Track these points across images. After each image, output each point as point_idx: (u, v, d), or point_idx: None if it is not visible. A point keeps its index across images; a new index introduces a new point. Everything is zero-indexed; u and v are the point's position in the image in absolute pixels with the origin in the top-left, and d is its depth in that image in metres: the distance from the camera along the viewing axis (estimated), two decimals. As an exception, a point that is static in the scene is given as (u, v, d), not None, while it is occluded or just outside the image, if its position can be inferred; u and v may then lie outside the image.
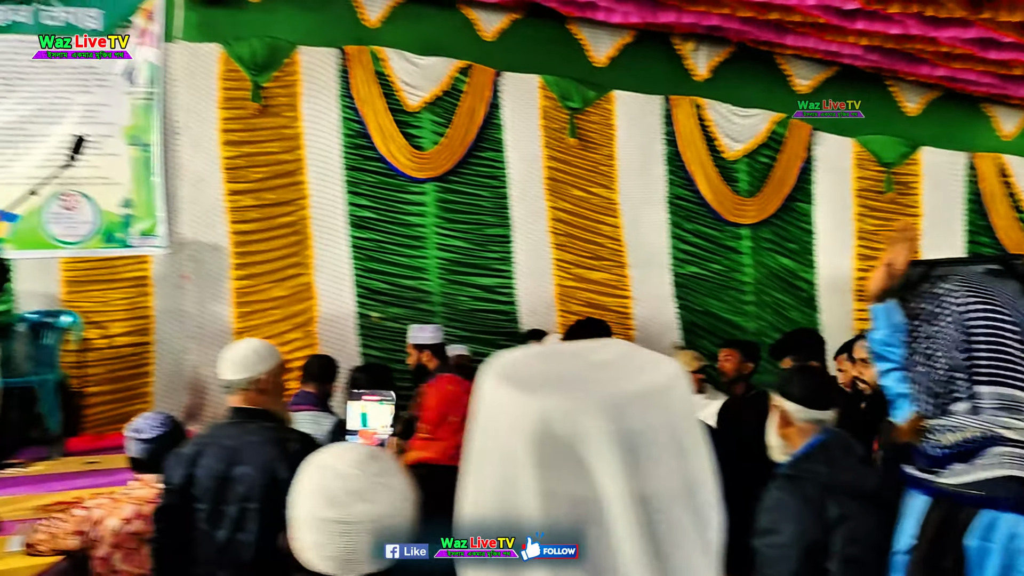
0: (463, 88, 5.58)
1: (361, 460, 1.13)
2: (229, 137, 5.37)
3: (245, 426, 2.32)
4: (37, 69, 5.16)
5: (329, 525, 1.06)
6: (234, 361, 2.34)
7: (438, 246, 5.57)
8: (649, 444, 0.59)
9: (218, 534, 2.22)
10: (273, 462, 2.23)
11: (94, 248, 5.14)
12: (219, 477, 2.23)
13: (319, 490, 1.10)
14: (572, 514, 0.60)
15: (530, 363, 0.67)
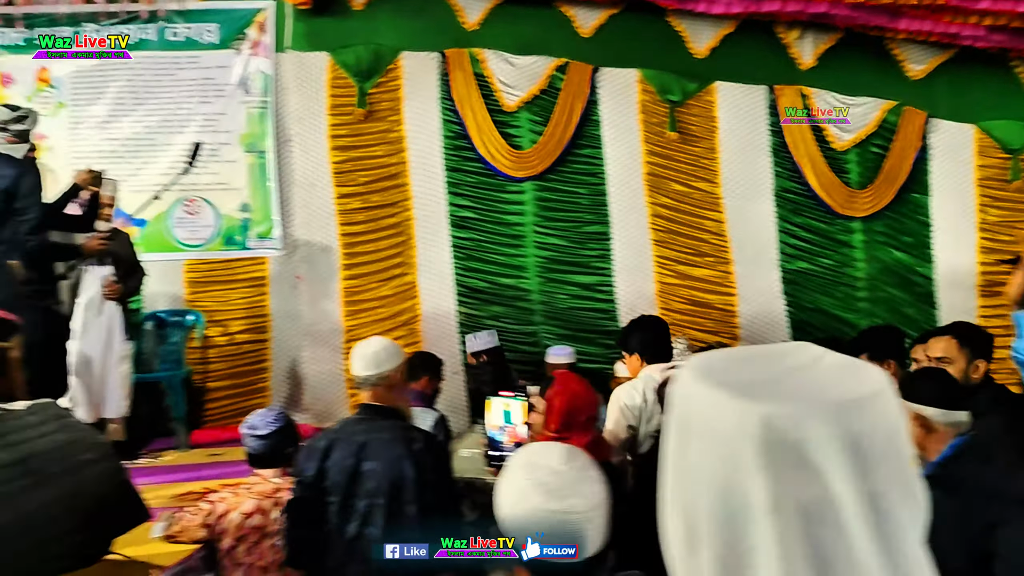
0: (560, 86, 5.58)
1: (566, 456, 1.27)
2: (337, 142, 5.58)
3: (374, 422, 2.41)
4: (162, 82, 5.51)
5: (550, 515, 1.19)
6: (366, 358, 2.43)
7: (537, 244, 5.60)
8: (872, 446, 0.62)
9: (348, 528, 2.32)
10: (400, 459, 2.32)
11: (215, 250, 5.46)
12: (349, 472, 2.32)
13: (538, 484, 1.21)
14: (802, 515, 0.62)
15: (733, 367, 0.69)
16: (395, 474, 2.32)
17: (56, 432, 2.43)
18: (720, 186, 5.71)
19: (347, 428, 2.42)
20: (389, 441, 2.36)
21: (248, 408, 5.35)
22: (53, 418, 2.49)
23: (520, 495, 1.23)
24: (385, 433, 2.39)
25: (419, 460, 2.35)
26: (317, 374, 5.47)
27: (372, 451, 2.34)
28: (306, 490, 2.35)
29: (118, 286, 4.21)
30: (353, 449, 2.34)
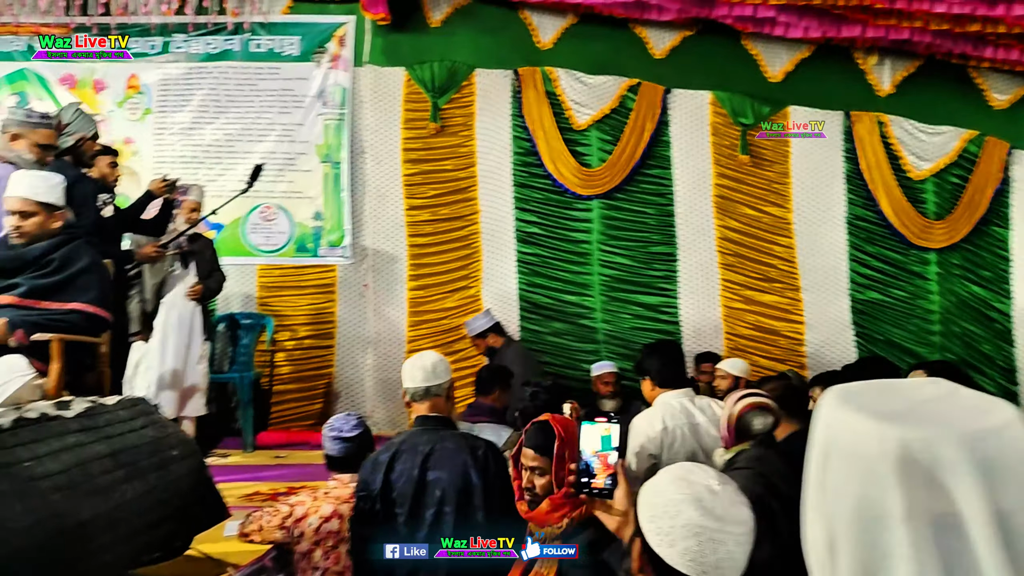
0: (631, 106, 5.59)
1: (719, 478, 1.28)
2: (409, 155, 5.69)
3: (436, 432, 2.43)
4: (244, 92, 5.71)
5: (711, 534, 1.19)
6: (425, 370, 2.46)
7: (602, 263, 5.60)
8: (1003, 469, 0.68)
9: (417, 537, 2.34)
10: (465, 467, 2.34)
11: (287, 256, 5.61)
12: (415, 482, 2.35)
13: (693, 500, 1.22)
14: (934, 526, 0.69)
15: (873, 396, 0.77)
16: (462, 482, 2.34)
17: (145, 427, 2.53)
18: (791, 211, 5.63)
19: (410, 440, 2.44)
20: (453, 450, 2.39)
21: (311, 412, 5.51)
22: (142, 414, 2.59)
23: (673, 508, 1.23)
24: (448, 442, 2.41)
25: (484, 467, 2.38)
26: (380, 382, 5.56)
27: (437, 460, 2.37)
28: (372, 503, 2.37)
29: (200, 287, 4.36)
30: (418, 460, 2.36)
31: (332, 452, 2.77)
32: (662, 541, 1.22)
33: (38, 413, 2.20)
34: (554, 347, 5.54)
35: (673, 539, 1.22)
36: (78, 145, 3.93)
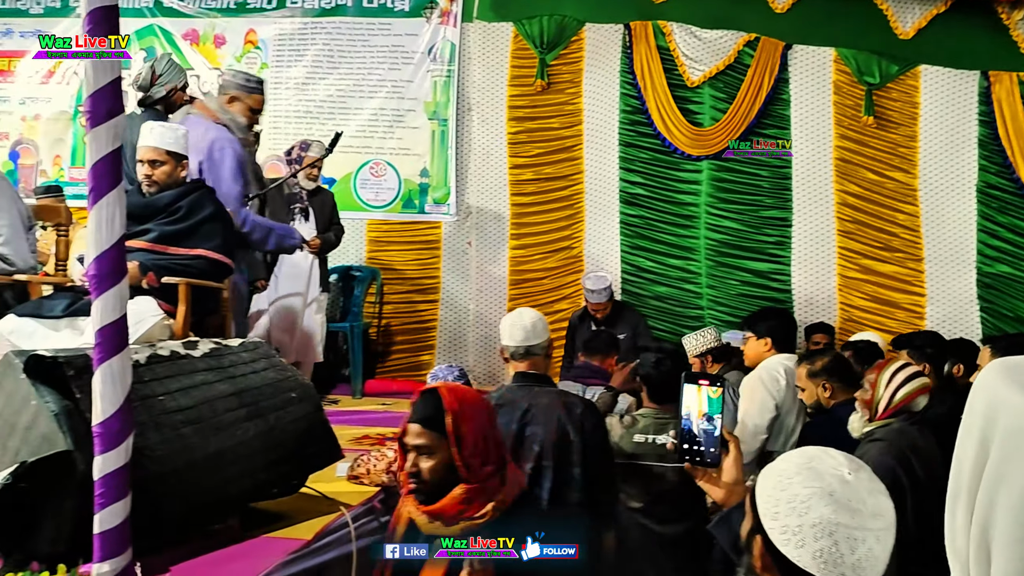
0: (748, 62, 5.33)
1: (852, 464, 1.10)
2: (515, 113, 5.64)
3: (532, 389, 2.44)
4: (356, 48, 5.79)
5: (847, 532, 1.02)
6: (526, 329, 2.46)
7: (709, 226, 5.42)
8: None
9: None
10: (562, 423, 2.34)
11: (395, 212, 5.71)
12: (513, 436, 2.36)
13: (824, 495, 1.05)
14: None
15: None
16: (558, 437, 2.34)
17: (266, 370, 2.64)
18: (917, 177, 5.27)
19: (507, 395, 2.46)
20: (549, 406, 2.39)
21: (415, 363, 5.65)
22: (263, 356, 2.71)
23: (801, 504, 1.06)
24: (545, 398, 2.42)
25: (581, 424, 2.38)
26: (481, 337, 5.63)
27: (534, 416, 2.38)
28: None
29: (319, 241, 4.51)
30: (516, 415, 2.38)
31: (434, 400, 2.82)
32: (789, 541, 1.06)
33: (169, 351, 2.34)
34: (656, 311, 5.44)
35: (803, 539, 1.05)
36: (170, 95, 4.09)
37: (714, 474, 1.44)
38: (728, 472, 1.43)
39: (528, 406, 2.40)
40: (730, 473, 1.43)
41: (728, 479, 1.44)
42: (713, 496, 1.47)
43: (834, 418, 2.79)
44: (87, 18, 1.56)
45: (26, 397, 1.94)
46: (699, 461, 1.42)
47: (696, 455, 1.42)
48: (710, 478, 1.45)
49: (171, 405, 2.16)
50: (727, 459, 1.43)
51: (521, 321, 2.54)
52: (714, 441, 1.41)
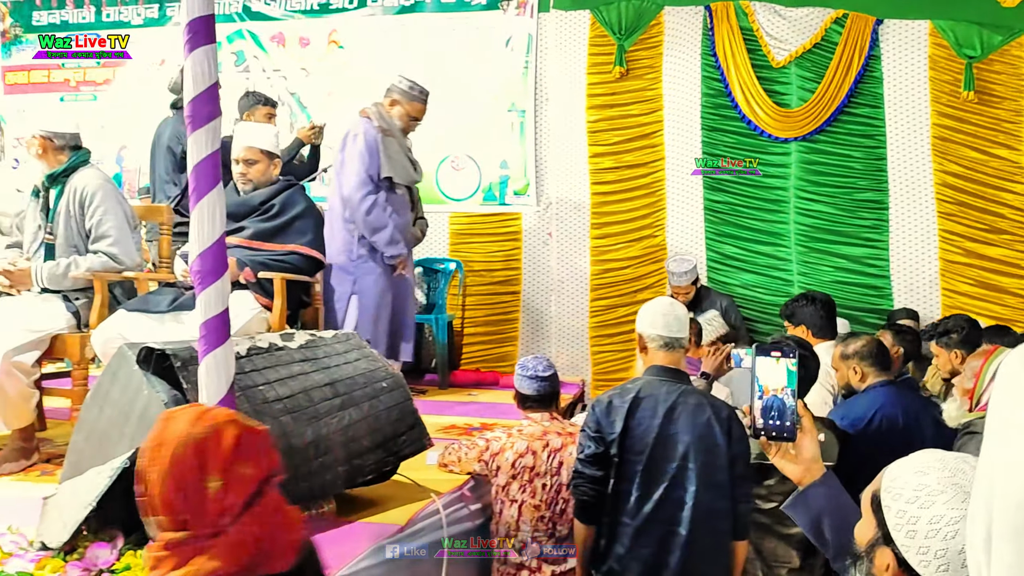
0: (837, 39, 5.11)
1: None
2: (593, 101, 5.59)
3: (676, 385, 2.39)
4: (435, 44, 5.85)
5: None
6: (679, 319, 2.41)
7: (799, 211, 5.24)
8: None
9: (653, 489, 2.31)
10: (710, 425, 2.29)
11: (476, 204, 5.76)
12: (656, 433, 2.32)
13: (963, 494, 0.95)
14: None
15: None
16: (705, 440, 2.29)
17: (358, 360, 2.71)
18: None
19: (648, 389, 2.39)
20: (698, 407, 2.33)
21: (499, 355, 5.69)
22: (355, 347, 2.77)
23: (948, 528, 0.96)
24: (691, 398, 2.36)
25: (729, 429, 2.31)
26: (563, 328, 5.62)
27: (681, 415, 2.32)
28: (606, 447, 2.36)
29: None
30: (660, 411, 2.32)
31: (526, 390, 2.84)
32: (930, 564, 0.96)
33: (267, 343, 2.43)
34: (743, 300, 5.30)
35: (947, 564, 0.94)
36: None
37: (790, 450, 1.38)
38: (806, 448, 1.36)
39: (674, 403, 2.35)
40: (808, 449, 1.36)
41: (806, 455, 1.37)
42: (788, 473, 1.40)
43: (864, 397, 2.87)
44: (186, 28, 1.63)
45: (138, 386, 2.05)
46: (775, 436, 1.36)
47: (773, 430, 1.36)
48: (785, 454, 1.38)
49: (270, 395, 2.24)
50: (802, 434, 1.36)
51: (674, 311, 2.47)
52: (791, 415, 1.35)
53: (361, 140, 3.75)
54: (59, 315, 2.92)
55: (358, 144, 3.77)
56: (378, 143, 3.77)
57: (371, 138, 3.76)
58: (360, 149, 3.75)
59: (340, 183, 3.89)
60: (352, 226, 3.92)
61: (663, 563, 2.31)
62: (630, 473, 2.34)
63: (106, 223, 3.03)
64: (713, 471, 2.30)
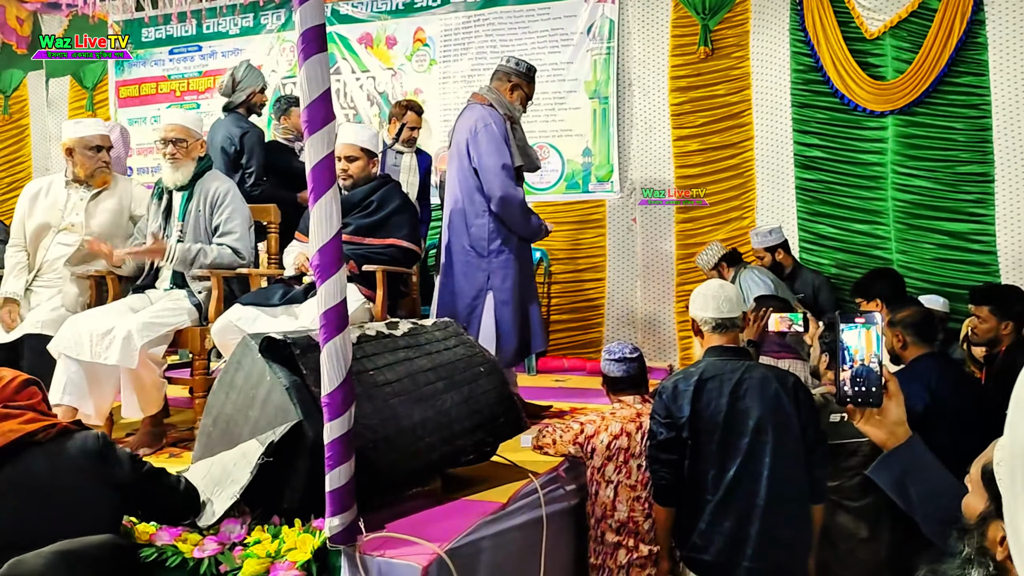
0: (936, 6, 4.89)
1: None
2: (677, 84, 5.55)
3: (739, 362, 2.43)
4: (517, 36, 5.93)
5: None
6: (730, 300, 2.46)
7: (897, 187, 5.06)
8: None
9: (728, 466, 2.36)
10: (777, 396, 2.33)
11: (559, 193, 5.82)
12: (726, 411, 2.37)
13: None
14: None
15: None
16: (776, 411, 2.33)
17: (457, 346, 2.82)
18: None
19: (712, 369, 2.44)
20: (763, 379, 2.37)
21: (584, 341, 5.75)
22: (454, 334, 2.89)
23: None
24: (755, 372, 2.39)
25: (796, 397, 2.35)
26: (649, 314, 5.63)
27: (747, 390, 2.36)
28: (678, 431, 2.42)
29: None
30: (727, 389, 2.37)
31: (615, 373, 2.90)
32: None
33: (375, 332, 2.57)
34: (840, 280, 5.17)
35: None
36: (250, 98, 4.46)
37: (876, 415, 1.38)
38: (892, 411, 1.36)
39: (740, 379, 2.41)
40: (894, 412, 1.36)
41: (892, 418, 1.37)
42: (874, 437, 1.40)
43: (913, 372, 2.88)
44: (301, 38, 1.75)
45: (261, 373, 2.22)
46: (862, 403, 1.38)
47: (859, 396, 1.38)
48: (871, 419, 1.38)
49: (380, 379, 2.38)
50: (888, 398, 1.36)
51: (724, 292, 2.53)
52: (876, 380, 1.37)
53: (495, 129, 3.61)
54: (183, 310, 3.16)
55: (491, 133, 3.61)
56: (508, 132, 3.69)
57: (502, 127, 3.65)
58: (497, 138, 3.60)
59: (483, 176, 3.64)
60: (485, 220, 3.69)
61: (744, 534, 2.36)
62: (705, 453, 2.39)
63: (233, 220, 3.29)
64: (786, 440, 2.34)
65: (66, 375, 2.96)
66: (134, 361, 2.91)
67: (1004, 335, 3.33)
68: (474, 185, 3.66)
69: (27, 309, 3.41)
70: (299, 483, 2.16)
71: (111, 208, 3.55)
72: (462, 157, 3.68)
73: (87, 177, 3.50)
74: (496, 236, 3.70)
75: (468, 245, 3.70)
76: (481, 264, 3.71)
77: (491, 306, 3.70)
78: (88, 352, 2.93)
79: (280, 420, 2.15)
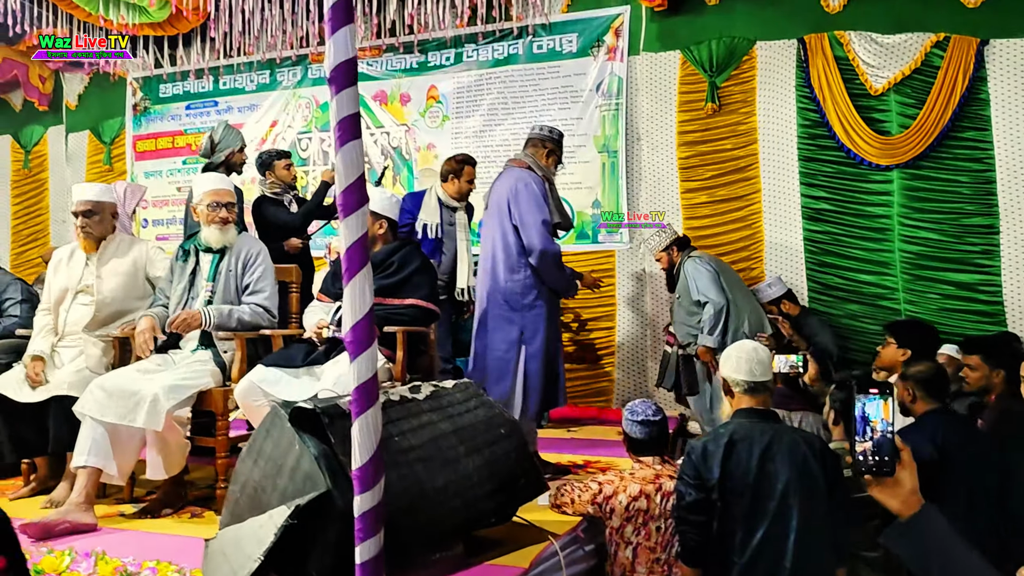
0: (938, 63, 5.01)
1: None
2: (685, 138, 5.68)
3: (768, 424, 2.47)
4: (528, 92, 6.08)
5: None
6: (763, 363, 2.49)
7: (904, 238, 5.13)
8: None
9: (756, 529, 2.38)
10: (806, 459, 2.36)
11: (570, 244, 5.90)
12: (755, 473, 2.39)
13: None
14: None
15: None
16: (804, 475, 2.35)
17: (478, 408, 2.87)
18: None
19: (742, 431, 2.47)
20: (792, 443, 2.40)
21: (595, 390, 5.78)
22: (473, 396, 2.94)
23: None
24: (785, 435, 2.42)
25: (824, 461, 2.38)
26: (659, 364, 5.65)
27: (777, 452, 2.39)
28: (709, 492, 2.44)
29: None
30: (756, 451, 2.40)
31: (637, 435, 2.92)
32: None
33: (399, 396, 2.62)
34: (849, 330, 5.22)
35: None
36: (229, 157, 4.58)
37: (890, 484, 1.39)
38: (906, 481, 1.38)
39: (769, 442, 2.43)
40: (908, 482, 1.39)
41: (907, 488, 1.39)
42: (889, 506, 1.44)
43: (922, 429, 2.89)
44: (337, 125, 1.84)
45: (291, 442, 2.27)
46: (876, 472, 1.42)
47: (874, 466, 1.42)
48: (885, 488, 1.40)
49: (404, 444, 2.42)
50: (901, 467, 1.38)
51: (757, 355, 2.56)
52: (890, 450, 1.41)
53: (535, 188, 3.79)
54: (208, 372, 3.21)
55: (532, 192, 3.78)
56: (546, 191, 3.88)
57: (541, 187, 3.84)
58: (537, 197, 3.78)
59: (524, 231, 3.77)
60: (522, 275, 3.80)
61: None
62: (733, 515, 2.41)
63: (263, 280, 3.39)
64: (813, 504, 2.37)
65: (91, 436, 3.01)
66: (160, 424, 2.96)
67: (995, 383, 3.36)
68: (513, 241, 3.81)
69: (52, 369, 3.46)
70: (327, 550, 2.19)
71: (123, 271, 3.61)
72: (502, 215, 3.83)
73: (84, 241, 3.58)
74: (531, 290, 3.81)
75: (503, 299, 3.82)
76: (514, 318, 3.81)
77: (523, 360, 3.79)
78: (114, 414, 2.98)
79: (309, 488, 2.19)
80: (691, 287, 4.63)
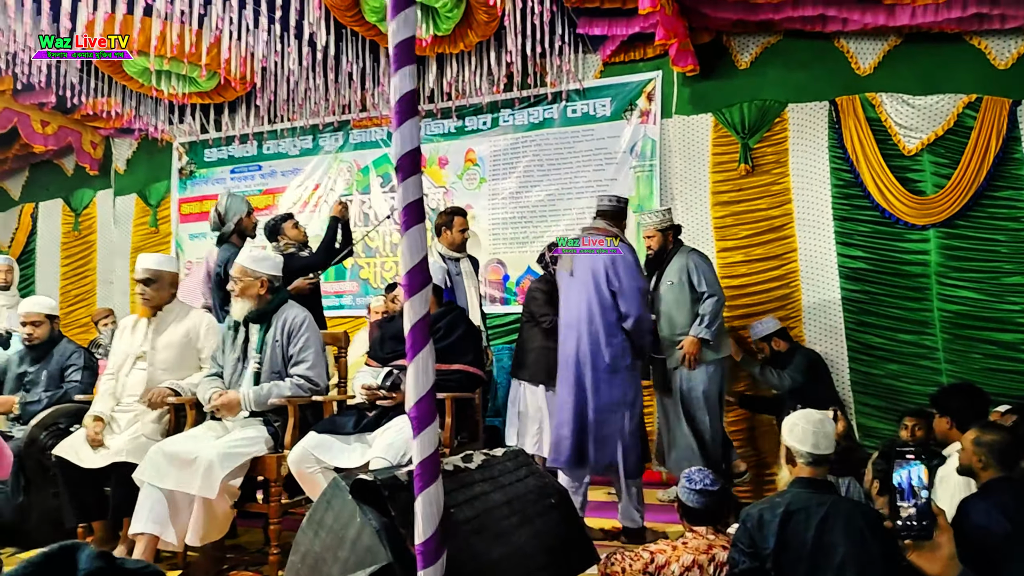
0: (971, 124, 5.07)
1: None
2: (719, 199, 5.75)
3: (826, 495, 2.46)
4: (562, 155, 6.22)
5: None
6: (829, 437, 2.51)
7: (942, 297, 5.12)
8: None
9: None
10: (863, 532, 2.35)
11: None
12: (812, 544, 2.39)
13: None
14: None
15: None
16: (861, 547, 2.34)
17: (528, 477, 2.89)
18: None
19: (798, 501, 2.47)
20: (850, 515, 2.39)
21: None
22: (523, 464, 2.97)
23: None
24: (842, 506, 2.42)
25: (880, 532, 2.37)
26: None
27: (834, 524, 2.38)
28: (762, 562, 2.44)
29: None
30: (813, 522, 2.40)
31: (693, 504, 2.91)
32: None
33: (452, 466, 2.66)
34: (890, 390, 5.17)
35: None
36: (239, 224, 4.67)
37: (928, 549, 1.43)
38: (945, 545, 1.42)
39: (827, 514, 2.42)
40: (946, 546, 1.42)
41: (944, 552, 1.42)
42: (928, 570, 1.45)
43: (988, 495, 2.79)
44: (404, 210, 1.93)
45: (352, 514, 2.31)
46: (915, 536, 1.44)
47: (913, 530, 1.44)
48: (924, 553, 1.44)
49: (459, 516, 2.45)
50: (939, 532, 1.42)
51: (824, 429, 2.57)
52: (928, 514, 1.43)
53: (630, 257, 4.05)
54: (260, 439, 3.29)
55: (629, 261, 4.03)
56: (639, 264, 4.13)
57: (634, 255, 4.11)
58: (634, 265, 4.03)
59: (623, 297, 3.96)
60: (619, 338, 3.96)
61: None
62: None
63: (307, 349, 3.45)
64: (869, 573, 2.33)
65: (150, 502, 3.08)
66: (214, 492, 3.02)
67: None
68: (611, 306, 3.96)
69: (111, 433, 3.56)
70: (387, 625, 2.21)
71: (176, 341, 3.72)
72: (599, 281, 4.00)
73: (142, 308, 3.71)
74: (628, 354, 3.98)
75: (607, 360, 3.93)
76: (615, 380, 3.93)
77: (628, 420, 3.91)
78: (172, 481, 3.05)
79: (370, 561, 2.22)
80: (696, 278, 4.59)
